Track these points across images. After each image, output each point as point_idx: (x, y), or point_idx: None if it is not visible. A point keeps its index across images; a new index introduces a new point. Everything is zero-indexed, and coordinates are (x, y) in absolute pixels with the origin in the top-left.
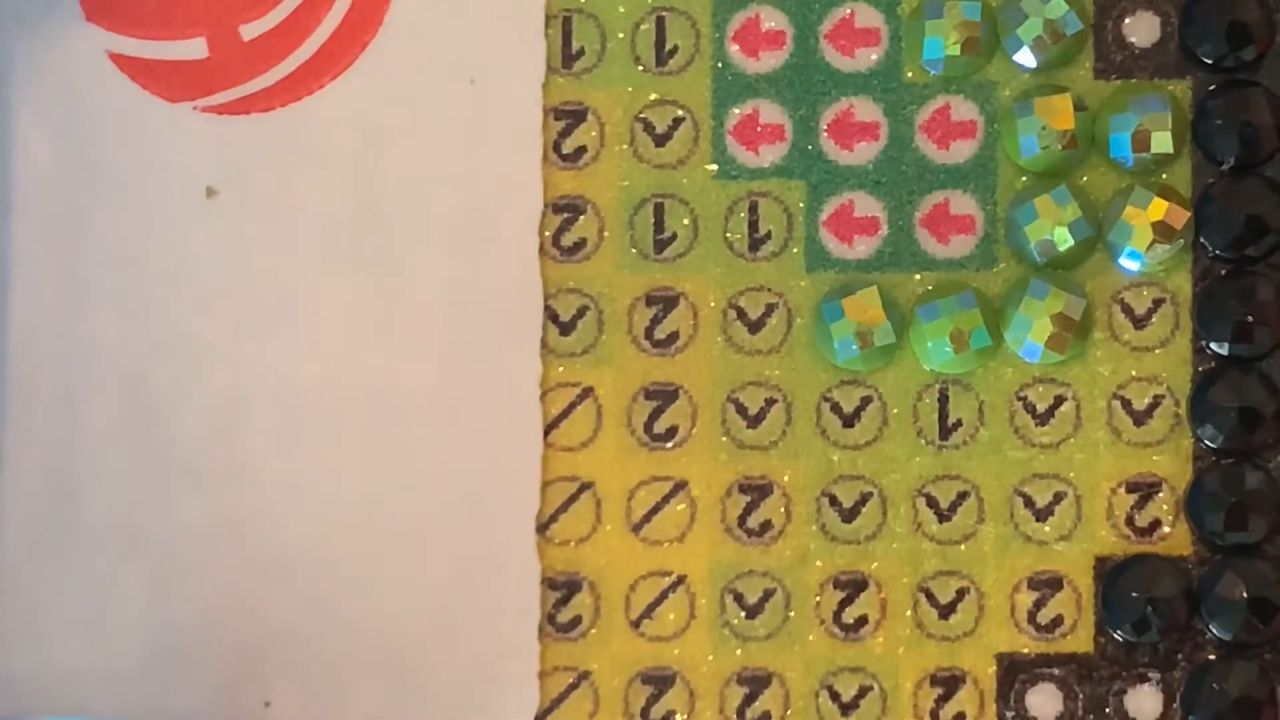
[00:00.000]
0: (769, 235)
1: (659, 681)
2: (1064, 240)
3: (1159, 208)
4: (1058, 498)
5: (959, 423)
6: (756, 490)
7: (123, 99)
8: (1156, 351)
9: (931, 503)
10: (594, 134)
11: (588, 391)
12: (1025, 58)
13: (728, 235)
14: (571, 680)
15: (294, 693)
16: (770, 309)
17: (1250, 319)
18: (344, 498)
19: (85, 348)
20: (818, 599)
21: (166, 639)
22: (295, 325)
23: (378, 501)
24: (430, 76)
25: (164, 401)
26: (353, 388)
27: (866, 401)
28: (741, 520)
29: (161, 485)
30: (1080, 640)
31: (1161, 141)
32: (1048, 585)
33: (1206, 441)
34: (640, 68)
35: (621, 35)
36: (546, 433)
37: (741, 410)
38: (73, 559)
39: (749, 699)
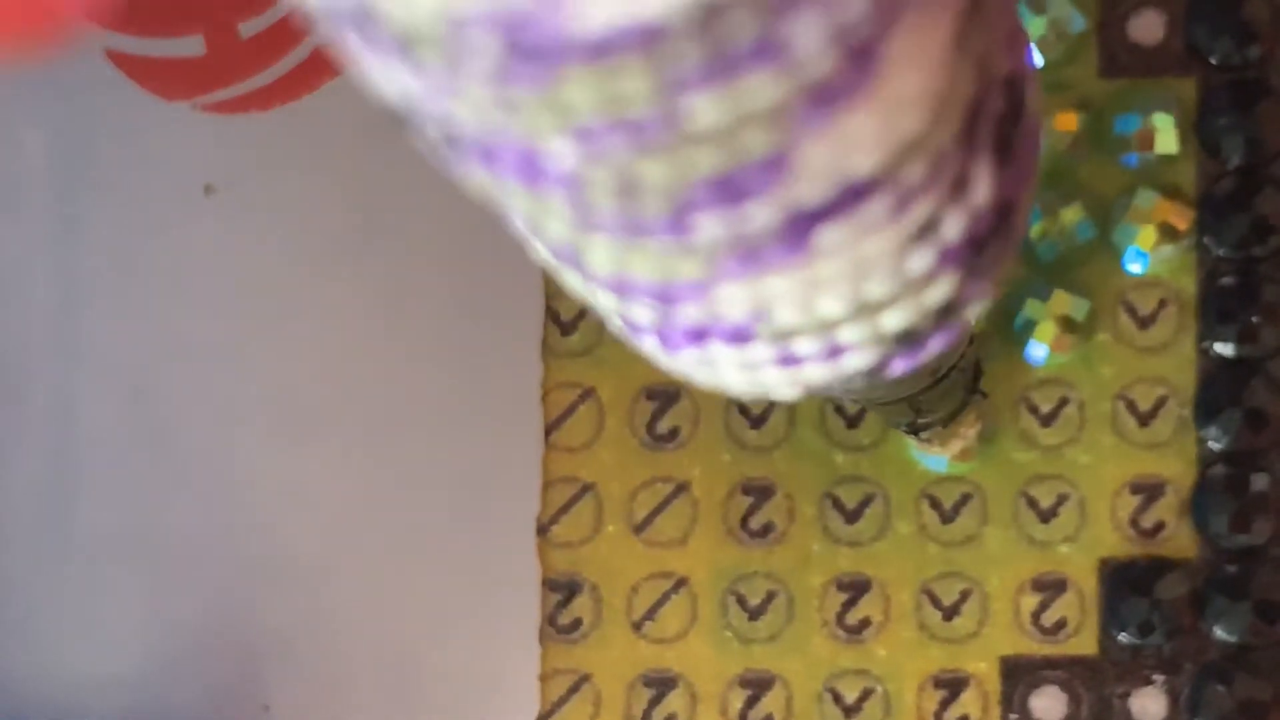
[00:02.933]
0: None
1: (660, 684)
2: (1068, 241)
3: (1164, 208)
4: (1062, 500)
5: None
6: (759, 492)
7: (120, 97)
8: (1161, 353)
9: (935, 504)
10: None
11: (589, 392)
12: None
13: None
14: (572, 683)
15: (293, 696)
16: None
17: (1256, 320)
18: (343, 499)
19: (83, 348)
20: (820, 601)
21: (165, 642)
22: (294, 325)
23: (377, 503)
24: None
25: (162, 402)
26: (352, 388)
27: None
28: (744, 522)
29: (160, 487)
30: (1085, 643)
31: (1166, 141)
32: (1052, 587)
33: (1212, 443)
34: None
35: None
36: (548, 433)
37: (744, 411)
38: (71, 562)
39: (751, 701)
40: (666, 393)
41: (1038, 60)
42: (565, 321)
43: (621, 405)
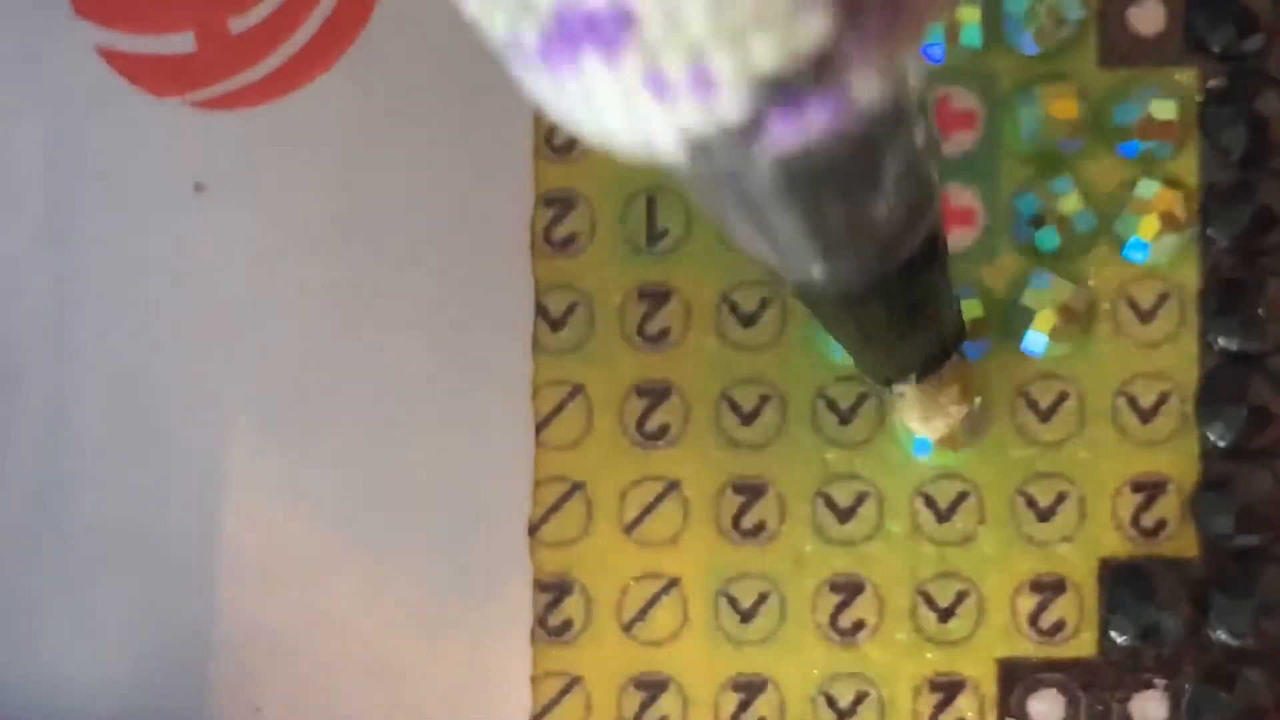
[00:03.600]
0: None
1: (652, 686)
2: (1068, 231)
3: (1165, 198)
4: (1061, 498)
5: None
6: (750, 490)
7: (111, 94)
8: (1163, 347)
9: (930, 503)
10: None
11: (578, 389)
12: (1027, 46)
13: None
14: (563, 685)
15: (285, 697)
16: (764, 304)
17: (1260, 314)
18: (333, 499)
19: (75, 346)
20: (813, 603)
21: (157, 643)
22: (283, 322)
23: (367, 503)
24: (419, 69)
25: (153, 400)
26: (342, 386)
27: (863, 398)
28: (735, 521)
29: (152, 487)
30: (1084, 645)
31: (1167, 131)
32: (1050, 588)
33: (1215, 440)
34: None
35: None
36: (537, 431)
37: (735, 408)
38: (62, 563)
39: (744, 705)
40: (656, 390)
41: (1034, 50)
42: (555, 318)
43: (611, 402)
